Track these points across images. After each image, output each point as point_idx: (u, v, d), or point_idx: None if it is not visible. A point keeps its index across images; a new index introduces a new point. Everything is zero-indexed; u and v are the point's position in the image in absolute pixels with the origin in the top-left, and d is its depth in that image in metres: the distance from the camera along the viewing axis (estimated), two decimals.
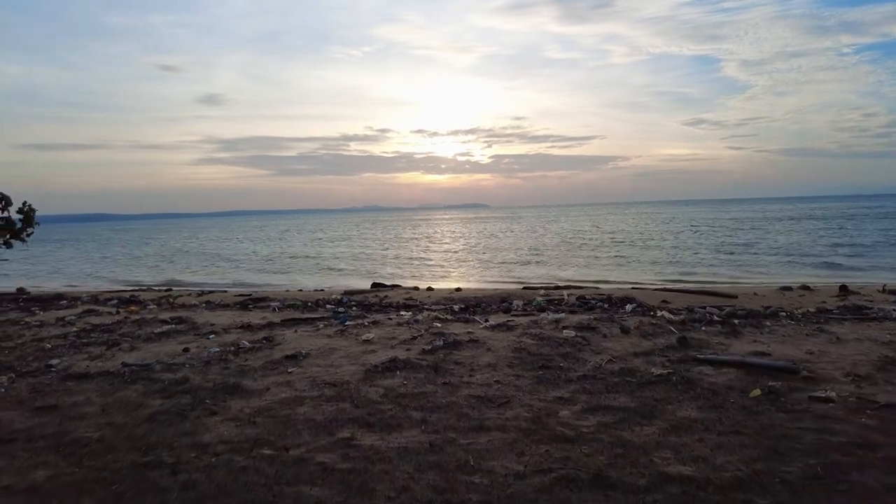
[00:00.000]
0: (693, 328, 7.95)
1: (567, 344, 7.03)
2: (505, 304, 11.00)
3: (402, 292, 13.03)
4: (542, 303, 10.86)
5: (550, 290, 12.39)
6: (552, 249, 32.17)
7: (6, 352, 8.01)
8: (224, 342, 7.88)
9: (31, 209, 10.44)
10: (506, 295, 11.98)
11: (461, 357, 6.58)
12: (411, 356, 6.59)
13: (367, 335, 7.79)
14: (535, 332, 7.72)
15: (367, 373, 6.05)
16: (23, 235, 10.38)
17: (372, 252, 36.52)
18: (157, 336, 8.53)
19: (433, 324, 8.54)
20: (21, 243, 10.44)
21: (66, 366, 6.99)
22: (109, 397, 5.62)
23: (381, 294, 12.73)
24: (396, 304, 11.47)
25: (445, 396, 5.23)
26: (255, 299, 12.85)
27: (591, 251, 29.73)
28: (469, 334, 7.69)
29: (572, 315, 9.26)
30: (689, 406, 4.86)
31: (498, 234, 52.42)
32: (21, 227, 10.28)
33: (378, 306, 11.23)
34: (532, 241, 40.74)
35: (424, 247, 39.83)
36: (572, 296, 11.70)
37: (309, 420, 4.71)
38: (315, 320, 9.37)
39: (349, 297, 12.44)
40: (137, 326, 9.46)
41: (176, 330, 8.93)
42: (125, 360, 7.07)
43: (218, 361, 6.86)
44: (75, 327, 9.55)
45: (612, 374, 5.83)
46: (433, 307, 10.91)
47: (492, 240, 44.21)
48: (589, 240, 37.80)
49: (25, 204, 10.44)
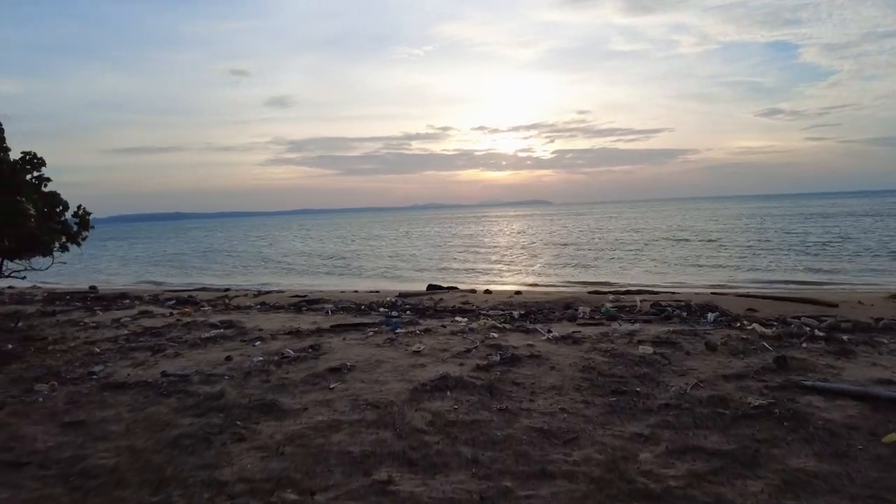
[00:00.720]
0: (791, 344, 6.85)
1: (644, 363, 6.13)
2: (569, 310, 10.13)
3: (458, 295, 12.37)
4: (611, 310, 9.92)
5: (620, 295, 11.39)
6: (617, 248, 30.70)
7: (58, 355, 7.92)
8: (269, 350, 7.46)
9: (86, 213, 10.49)
10: (570, 300, 11.09)
11: (520, 376, 5.83)
12: (464, 373, 5.89)
13: (417, 345, 7.16)
14: (605, 346, 6.86)
15: (413, 392, 5.40)
16: (78, 239, 10.42)
17: (429, 251, 36.14)
18: (202, 342, 8.23)
19: (489, 333, 7.81)
20: (76, 246, 10.49)
21: (107, 373, 6.75)
22: (139, 413, 5.24)
23: (437, 297, 12.11)
24: (451, 308, 10.81)
25: (501, 427, 4.50)
26: (310, 301, 12.53)
27: (660, 251, 28.09)
28: (529, 348, 6.91)
29: (647, 326, 8.30)
30: (802, 452, 3.93)
31: (560, 232, 50.94)
32: (77, 230, 10.32)
33: (432, 311, 10.62)
34: (596, 239, 39.18)
35: (483, 245, 39.07)
36: (645, 302, 10.67)
37: (343, 453, 4.10)
38: (365, 326, 8.84)
39: (403, 300, 11.89)
40: (186, 330, 9.24)
41: (223, 335, 8.62)
42: (166, 368, 6.75)
43: (259, 373, 6.41)
44: (127, 330, 9.44)
45: (700, 403, 4.93)
46: (490, 313, 10.19)
47: (553, 238, 42.92)
48: (656, 238, 35.91)
49: (80, 208, 10.51)
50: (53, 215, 10.83)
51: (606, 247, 31.90)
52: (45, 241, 9.11)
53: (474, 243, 41.46)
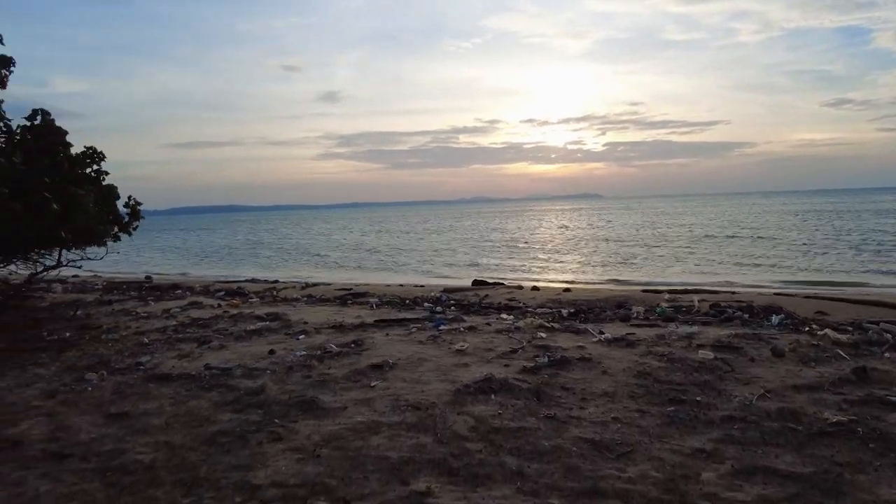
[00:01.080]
0: (871, 353, 6.26)
1: (704, 369, 5.70)
2: (622, 310, 9.68)
3: (505, 291, 12.06)
4: (667, 311, 9.42)
5: (676, 294, 10.83)
6: (671, 244, 29.60)
7: (109, 344, 8.09)
8: (312, 344, 7.38)
9: (137, 203, 10.72)
10: (623, 298, 10.61)
11: (570, 380, 5.51)
12: (509, 375, 5.62)
13: (461, 344, 6.92)
14: (662, 350, 6.44)
15: (456, 394, 5.17)
16: (129, 229, 10.66)
17: (474, 245, 35.83)
18: (247, 334, 8.24)
19: (537, 333, 7.50)
20: (128, 236, 10.74)
21: (154, 364, 6.82)
22: (181, 406, 5.22)
23: (482, 293, 11.85)
24: (497, 305, 10.53)
25: (549, 436, 4.21)
26: (355, 294, 12.49)
27: (715, 247, 26.88)
28: (580, 350, 6.57)
29: (706, 328, 7.80)
30: (894, 480, 3.49)
31: (610, 227, 49.72)
32: (128, 220, 10.56)
33: (477, 307, 10.36)
34: (648, 234, 37.99)
35: (530, 240, 38.45)
36: (704, 302, 10.10)
37: (381, 458, 3.91)
38: (409, 322, 8.67)
39: (448, 296, 11.68)
40: (233, 322, 9.30)
41: (268, 328, 8.63)
42: (210, 361, 6.76)
43: (301, 368, 6.32)
44: (176, 321, 9.59)
45: (769, 416, 4.50)
46: (538, 311, 9.85)
47: (604, 233, 41.86)
48: (712, 234, 34.47)
49: (131, 198, 10.76)
50: (108, 207, 11.12)
51: (659, 242, 30.81)
52: (100, 231, 9.33)
53: (521, 238, 40.91)
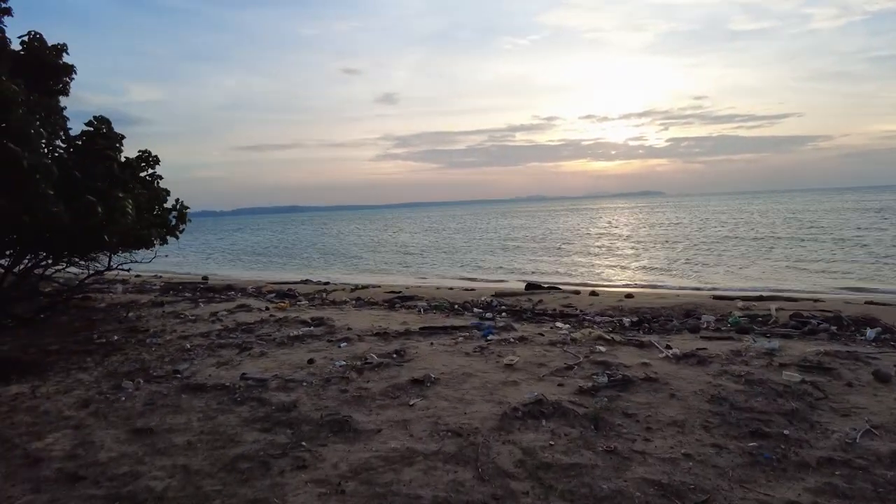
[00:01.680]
0: None
1: (791, 395, 4.93)
2: (690, 319, 8.85)
3: (560, 297, 11.38)
4: (741, 321, 8.53)
5: (750, 302, 9.86)
6: (740, 244, 27.82)
7: (153, 349, 8.00)
8: (353, 353, 7.00)
9: (184, 206, 10.72)
10: (691, 306, 9.74)
11: (633, 405, 4.86)
12: (563, 397, 5.03)
13: (510, 357, 6.36)
14: (738, 369, 5.68)
15: (503, 418, 4.63)
16: (176, 232, 10.67)
17: (529, 245, 34.98)
18: (289, 341, 7.97)
19: (595, 346, 6.84)
20: (175, 239, 10.75)
21: (191, 372, 6.62)
22: (208, 422, 4.91)
23: (535, 298, 11.21)
24: (552, 312, 9.89)
25: (609, 476, 3.61)
26: (404, 298, 12.12)
27: (790, 248, 25.01)
28: (644, 367, 5.88)
29: (789, 342, 6.92)
30: None
31: (674, 225, 47.60)
32: (175, 223, 10.56)
33: (530, 314, 9.75)
34: (715, 233, 36.02)
35: (588, 240, 37.19)
36: (782, 311, 9.12)
37: (413, 498, 3.42)
38: (455, 330, 8.18)
39: (499, 301, 11.12)
40: (278, 327, 9.08)
41: (311, 334, 8.33)
42: (247, 370, 6.49)
43: (338, 380, 5.94)
44: (221, 324, 9.47)
45: (879, 460, 3.74)
46: (596, 319, 9.15)
47: (667, 232, 40.01)
48: (784, 234, 32.23)
49: (178, 201, 10.75)
50: (156, 209, 11.21)
51: (727, 243, 29.05)
52: (144, 235, 9.32)
53: (577, 237, 39.70)
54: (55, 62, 11.63)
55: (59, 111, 11.11)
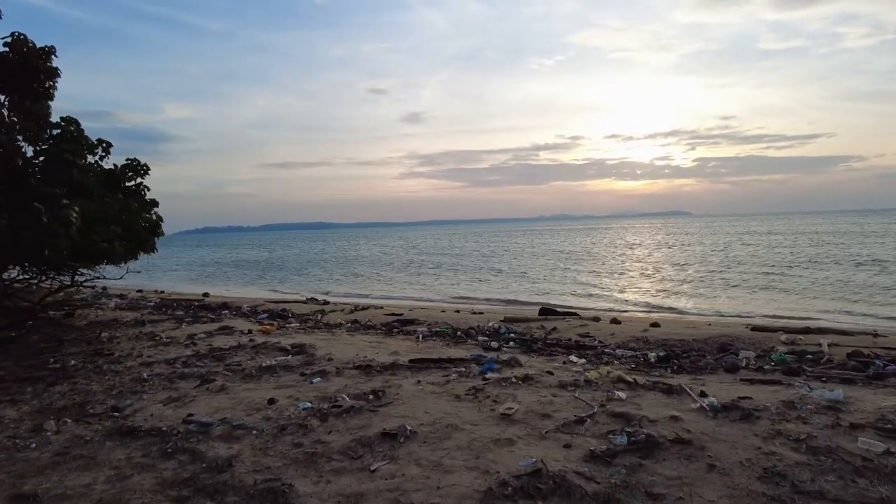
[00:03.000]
0: None
1: (875, 474, 3.69)
2: (727, 355, 7.60)
3: (578, 324, 10.16)
4: (787, 358, 7.25)
5: (795, 335, 8.54)
6: (777, 268, 26.10)
7: (107, 378, 7.08)
8: (324, 393, 5.93)
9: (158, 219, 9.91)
10: (727, 338, 8.45)
11: (660, 480, 3.68)
12: (569, 465, 3.88)
13: (508, 405, 5.21)
14: (795, 429, 4.44)
15: (486, 497, 3.50)
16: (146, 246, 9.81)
17: (548, 266, 33.62)
18: (259, 372, 6.94)
19: (614, 390, 5.65)
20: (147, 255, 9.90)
21: (133, 410, 5.65)
22: (114, 486, 3.90)
23: (549, 325, 10.01)
24: (566, 342, 8.70)
25: None
26: (403, 322, 11.05)
27: (832, 273, 23.29)
28: (674, 423, 4.68)
29: (853, 390, 5.64)
30: None
31: (703, 246, 45.73)
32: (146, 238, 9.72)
33: (541, 344, 8.58)
34: (746, 255, 34.24)
35: (611, 261, 35.63)
36: (835, 347, 7.80)
37: None
38: (451, 364, 7.06)
39: (507, 327, 9.97)
40: (253, 354, 8.08)
41: (286, 364, 7.29)
42: (196, 411, 5.50)
43: (296, 429, 4.88)
44: (195, 349, 8.52)
45: None
46: (617, 352, 7.95)
47: (695, 253, 38.24)
48: (825, 257, 30.36)
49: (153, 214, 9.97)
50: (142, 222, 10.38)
51: (761, 266, 27.34)
52: (106, 249, 8.40)
53: (600, 258, 38.17)
54: (40, 65, 10.97)
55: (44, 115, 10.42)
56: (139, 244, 9.49)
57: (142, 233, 9.40)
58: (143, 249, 9.69)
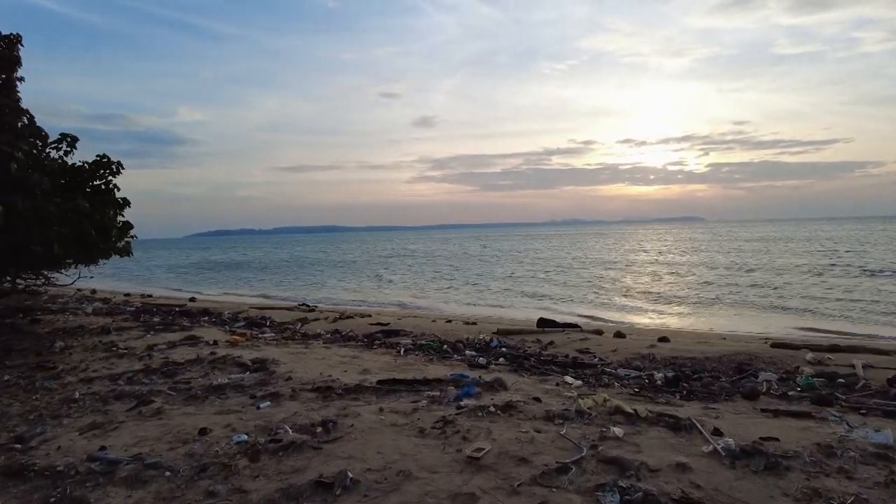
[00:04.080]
0: None
1: None
2: (744, 378, 6.63)
3: (578, 338, 9.19)
4: (815, 383, 6.27)
5: (823, 354, 7.53)
6: (797, 276, 24.84)
7: (35, 397, 6.28)
8: (268, 422, 5.04)
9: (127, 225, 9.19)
10: (743, 357, 7.45)
11: None
12: None
13: (479, 444, 4.29)
14: (837, 487, 3.47)
15: None
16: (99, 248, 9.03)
17: (554, 272, 32.52)
18: (205, 393, 6.08)
19: (610, 424, 4.70)
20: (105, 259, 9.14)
21: (38, 442, 4.82)
22: None
23: (546, 339, 9.07)
24: (562, 359, 7.76)
25: None
26: (388, 333, 10.16)
27: (852, 282, 22.06)
28: (680, 473, 3.74)
29: None
30: None
31: (719, 255, 44.34)
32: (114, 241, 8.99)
33: (534, 361, 7.64)
34: (762, 262, 32.96)
35: (620, 268, 34.42)
36: (870, 369, 6.79)
37: None
38: (426, 385, 6.15)
39: (500, 340, 9.04)
40: (208, 369, 7.23)
41: (239, 384, 6.42)
42: (113, 443, 4.64)
43: (218, 471, 4.01)
44: (148, 361, 7.70)
45: None
46: (619, 372, 7.00)
47: (709, 260, 36.91)
48: (851, 264, 29.02)
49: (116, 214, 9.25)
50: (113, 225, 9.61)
51: (778, 275, 26.06)
52: (38, 253, 7.57)
53: (609, 265, 36.98)
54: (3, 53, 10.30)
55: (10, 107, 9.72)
56: (88, 248, 8.65)
57: (95, 235, 8.54)
58: (100, 254, 8.86)
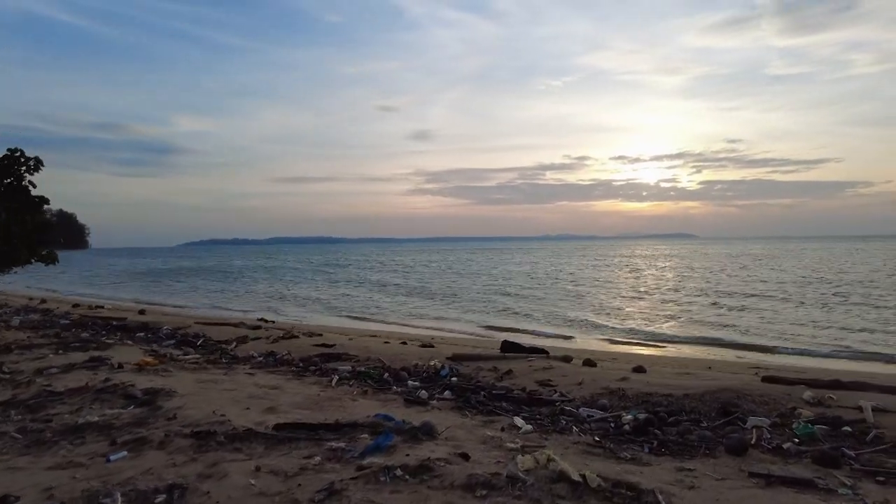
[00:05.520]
0: None
1: None
2: (729, 423, 5.46)
3: (541, 366, 7.95)
4: (815, 432, 5.10)
5: (821, 390, 6.35)
6: (791, 298, 23.56)
7: None
8: (102, 484, 3.85)
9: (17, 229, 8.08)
10: (730, 394, 6.24)
11: None
12: None
13: None
14: None
15: None
16: None
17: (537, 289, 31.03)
18: (55, 437, 4.87)
19: (546, 501, 3.51)
20: None
21: None
22: None
23: (504, 366, 7.86)
24: (518, 392, 6.57)
25: None
26: (329, 357, 8.96)
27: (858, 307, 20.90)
28: None
29: None
30: None
31: (707, 271, 43.27)
32: None
33: (485, 395, 6.44)
34: (752, 280, 31.89)
35: (604, 286, 32.50)
36: (881, 413, 5.61)
37: None
38: (336, 433, 4.93)
39: (453, 368, 7.85)
40: (87, 402, 5.99)
41: (108, 423, 5.21)
42: None
43: None
44: (18, 391, 6.45)
45: None
46: (581, 412, 5.81)
47: (699, 280, 35.51)
48: (843, 287, 27.85)
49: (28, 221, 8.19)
50: None
51: (772, 295, 24.70)
52: None
53: (593, 282, 35.50)
54: None
55: None
56: None
57: None
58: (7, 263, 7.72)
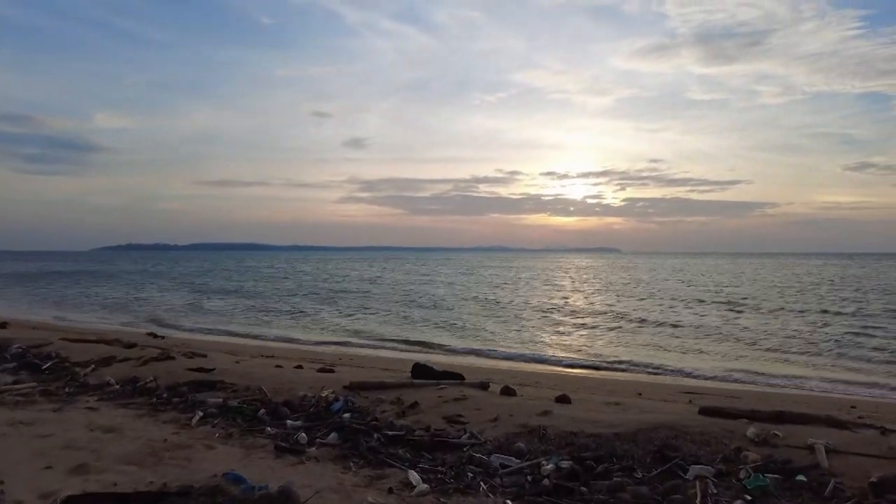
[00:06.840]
0: None
1: None
2: (667, 471, 4.50)
3: (454, 395, 6.82)
4: (768, 485, 4.22)
5: (765, 427, 5.57)
6: (715, 313, 23.64)
7: None
8: None
9: None
10: (668, 433, 5.33)
11: None
12: None
13: None
14: None
15: None
16: None
17: (463, 301, 30.16)
18: None
19: None
20: None
21: None
22: None
23: (411, 397, 6.67)
24: (421, 432, 5.41)
25: None
26: (201, 383, 7.46)
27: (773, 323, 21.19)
28: None
29: None
30: None
31: (633, 284, 44.07)
32: None
33: (378, 438, 5.24)
34: (680, 294, 32.40)
35: (535, 299, 31.78)
36: (834, 454, 4.83)
37: None
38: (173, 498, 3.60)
39: (348, 399, 6.59)
40: None
41: None
42: None
43: None
44: None
45: None
46: (492, 460, 4.71)
47: (626, 293, 35.76)
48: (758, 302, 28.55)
49: None
50: None
51: (698, 310, 24.71)
52: None
53: (525, 295, 35.19)
54: None
55: None
56: None
57: None
58: None
